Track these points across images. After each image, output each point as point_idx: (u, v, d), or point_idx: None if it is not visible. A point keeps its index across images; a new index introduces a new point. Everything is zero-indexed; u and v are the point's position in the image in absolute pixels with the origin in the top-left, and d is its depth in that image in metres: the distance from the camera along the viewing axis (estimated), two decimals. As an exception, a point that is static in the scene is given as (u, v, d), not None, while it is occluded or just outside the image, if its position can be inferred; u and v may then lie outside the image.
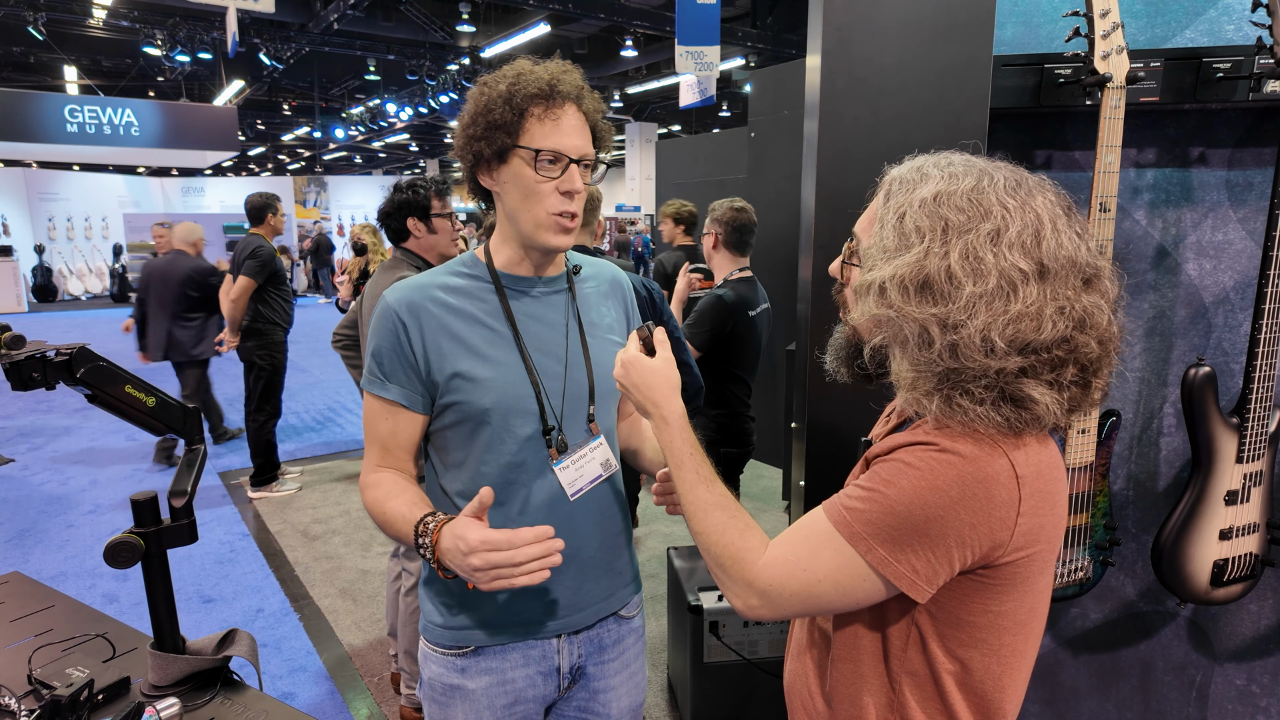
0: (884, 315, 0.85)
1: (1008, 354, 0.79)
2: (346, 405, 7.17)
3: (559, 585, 1.24)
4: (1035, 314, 0.79)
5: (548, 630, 1.25)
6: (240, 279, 4.38)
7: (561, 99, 1.14)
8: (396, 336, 1.17)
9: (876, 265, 0.86)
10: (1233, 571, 1.42)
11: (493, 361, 1.19)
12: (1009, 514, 0.81)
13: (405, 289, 1.20)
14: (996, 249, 0.81)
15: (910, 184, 0.89)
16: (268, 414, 4.71)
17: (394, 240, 2.60)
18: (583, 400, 1.27)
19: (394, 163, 27.79)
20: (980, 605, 0.87)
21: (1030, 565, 0.86)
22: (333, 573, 3.74)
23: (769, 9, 11.52)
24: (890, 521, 0.82)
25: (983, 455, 0.81)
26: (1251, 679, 1.74)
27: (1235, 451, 1.38)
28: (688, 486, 0.98)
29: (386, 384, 1.18)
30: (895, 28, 1.40)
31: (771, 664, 2.30)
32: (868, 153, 1.43)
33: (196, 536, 1.22)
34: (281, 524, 4.36)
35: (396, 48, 12.89)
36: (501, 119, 1.13)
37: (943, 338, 0.81)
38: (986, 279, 0.80)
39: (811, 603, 0.88)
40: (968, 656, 0.89)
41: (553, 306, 1.27)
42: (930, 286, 0.82)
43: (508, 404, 1.19)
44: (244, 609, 3.39)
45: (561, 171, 1.14)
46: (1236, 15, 1.51)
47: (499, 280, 1.24)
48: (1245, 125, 1.55)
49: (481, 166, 1.19)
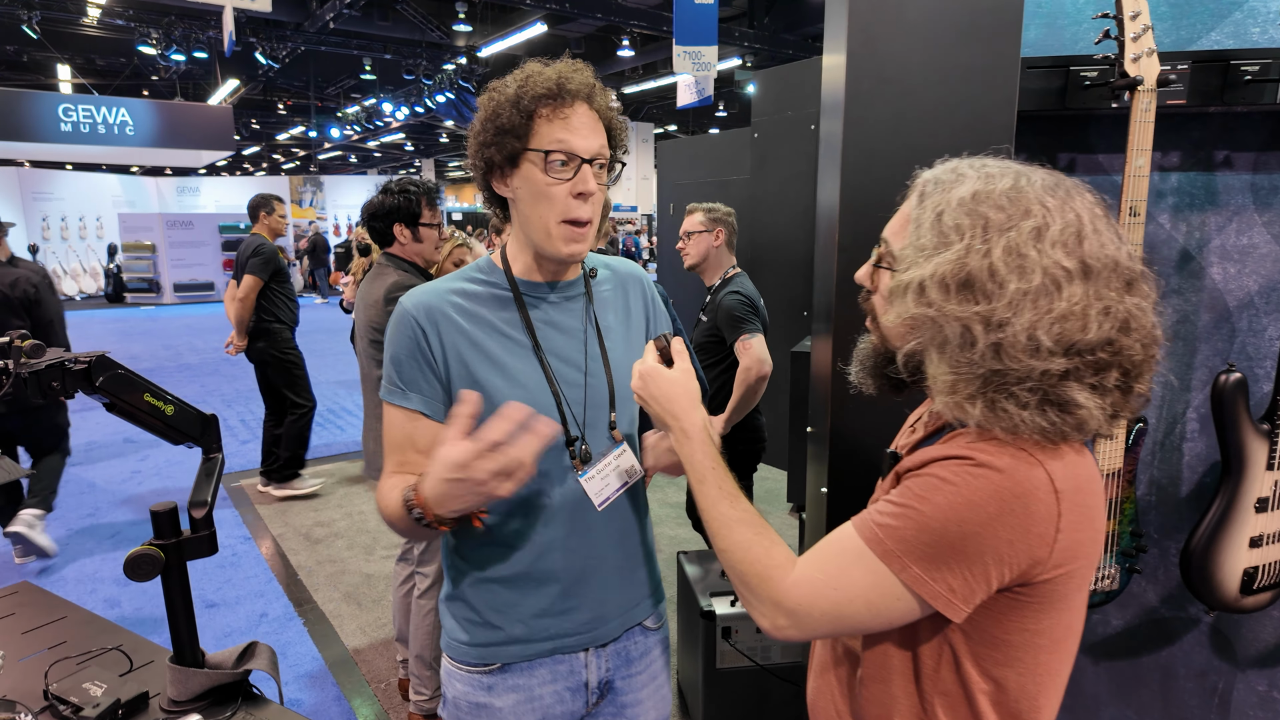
0: (923, 315, 0.82)
1: (1053, 354, 0.77)
2: (346, 407, 7.14)
3: (584, 597, 1.22)
4: (1081, 313, 0.77)
5: (575, 644, 1.22)
6: (245, 278, 4.34)
7: (570, 97, 1.10)
8: (416, 343, 1.14)
9: (914, 265, 0.84)
10: (1262, 579, 1.41)
11: (512, 372, 1.16)
12: (1048, 530, 0.79)
13: (422, 294, 1.17)
14: (1039, 246, 0.79)
15: (946, 184, 0.87)
16: (306, 408, 4.69)
17: (378, 243, 2.57)
18: (604, 407, 1.25)
19: (389, 162, 27.72)
20: (1017, 624, 0.84)
21: (1069, 582, 0.84)
22: (336, 576, 3.71)
23: (766, 9, 11.52)
24: (925, 539, 0.80)
25: (1021, 470, 0.78)
26: (1273, 685, 1.73)
27: (1266, 458, 1.37)
28: (710, 502, 0.95)
29: (407, 393, 1.15)
30: (922, 28, 1.38)
31: (785, 670, 2.28)
32: (894, 154, 1.41)
33: (217, 548, 1.19)
34: (283, 527, 4.32)
35: (393, 47, 12.85)
36: (510, 122, 1.09)
37: (986, 337, 0.78)
38: (1031, 276, 0.78)
39: (842, 623, 0.86)
40: (1003, 676, 0.86)
41: (570, 313, 1.25)
42: (972, 284, 0.80)
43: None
44: (247, 614, 3.36)
45: (574, 173, 1.10)
46: (1262, 18, 1.50)
47: (517, 288, 1.21)
48: (1270, 129, 1.54)
49: (494, 174, 1.16)
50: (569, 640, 1.22)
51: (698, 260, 2.85)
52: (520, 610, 1.19)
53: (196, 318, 14.13)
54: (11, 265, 3.58)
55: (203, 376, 8.68)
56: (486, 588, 1.20)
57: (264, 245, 4.42)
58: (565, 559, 1.19)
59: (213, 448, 1.31)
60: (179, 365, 9.43)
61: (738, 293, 2.71)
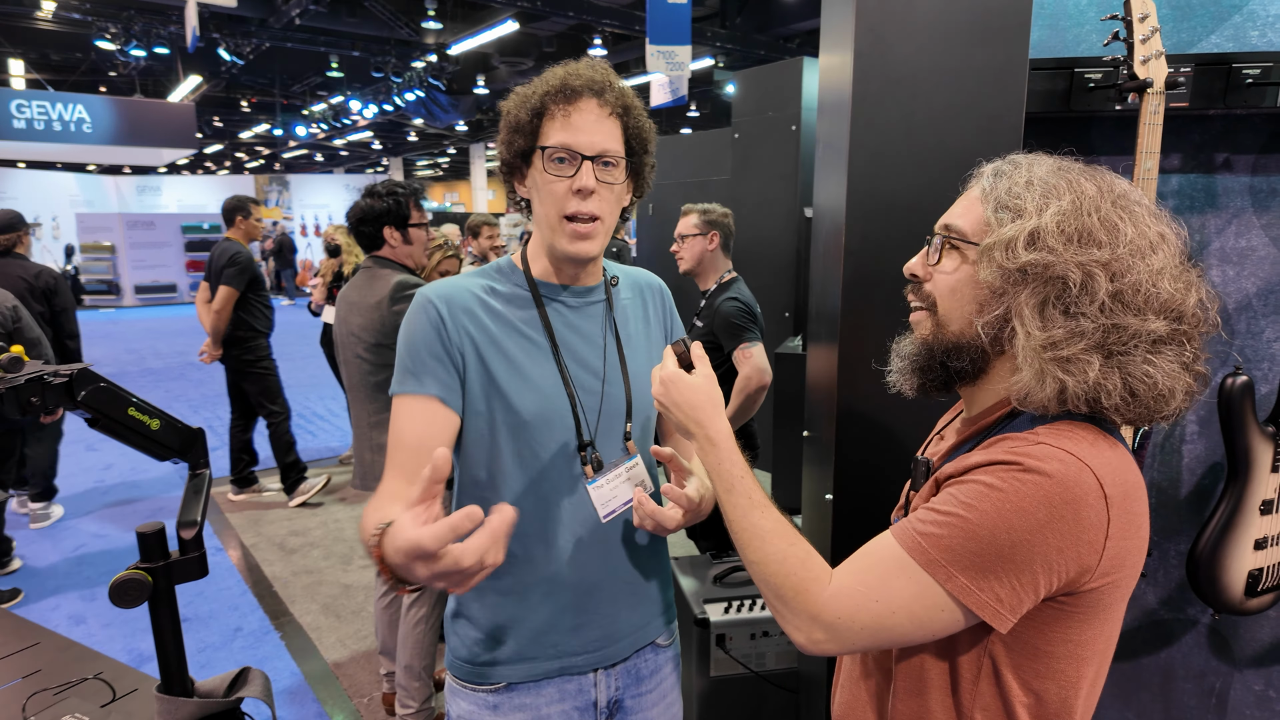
0: (1039, 263, 0.79)
1: (1158, 315, 0.78)
2: (316, 412, 6.99)
3: (594, 613, 1.18)
4: (1177, 274, 0.79)
5: (584, 664, 1.18)
6: (222, 289, 4.23)
7: (575, 94, 1.07)
8: (436, 330, 1.10)
9: (1017, 220, 0.83)
10: (1266, 580, 1.41)
11: (530, 373, 1.13)
12: (1098, 536, 0.77)
13: (444, 286, 1.14)
14: (1134, 209, 0.81)
15: (1018, 164, 0.89)
16: (281, 415, 4.60)
17: (365, 247, 2.52)
18: (619, 418, 1.21)
19: (356, 161, 27.30)
20: (1061, 634, 0.82)
21: (1114, 592, 0.82)
22: (313, 588, 3.61)
23: (738, 9, 11.53)
24: (973, 547, 0.78)
25: (1070, 474, 0.76)
26: (1269, 684, 1.74)
27: (1271, 460, 1.37)
28: (740, 513, 0.92)
29: (422, 379, 1.09)
30: (930, 28, 1.36)
31: (780, 676, 2.26)
32: (903, 156, 1.39)
33: (207, 570, 1.13)
34: (256, 537, 4.20)
35: (361, 44, 12.62)
36: (519, 121, 1.09)
37: (1110, 285, 0.78)
38: (1139, 226, 0.80)
39: (882, 635, 0.83)
40: (1043, 688, 0.84)
41: (590, 318, 1.21)
42: (1090, 231, 0.79)
43: (544, 417, 1.13)
44: (222, 628, 3.26)
45: (575, 170, 1.07)
46: (1262, 21, 1.50)
47: (536, 289, 1.18)
48: (1269, 131, 1.54)
49: (516, 175, 1.15)
50: (578, 660, 1.18)
51: (692, 265, 2.79)
52: (526, 625, 1.15)
53: (159, 320, 13.76)
54: (30, 260, 4.09)
55: (167, 382, 8.44)
56: (491, 600, 1.16)
57: (240, 254, 4.30)
58: (573, 571, 1.15)
59: (200, 463, 1.25)
60: (142, 370, 9.16)
61: (736, 299, 2.66)
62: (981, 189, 0.91)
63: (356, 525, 4.33)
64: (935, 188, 1.39)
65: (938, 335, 0.91)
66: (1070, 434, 0.80)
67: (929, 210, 1.41)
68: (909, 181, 1.40)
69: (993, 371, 0.90)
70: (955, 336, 0.89)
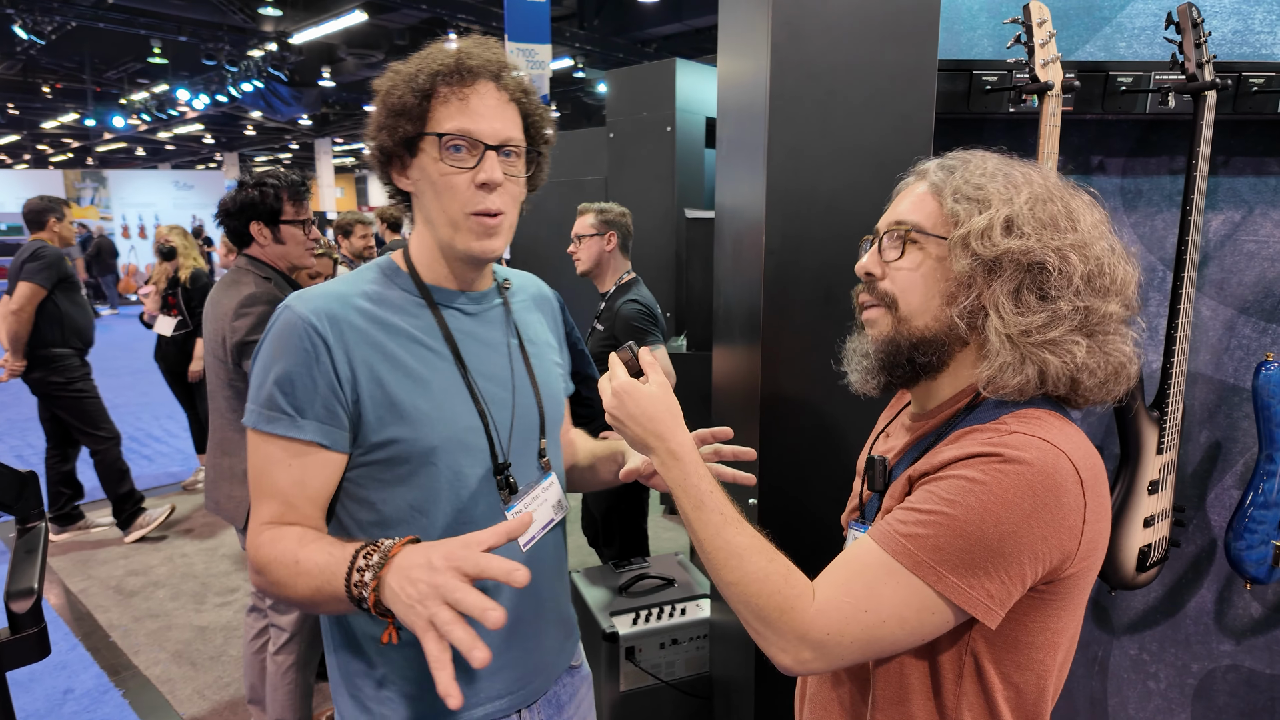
0: (1018, 249, 0.80)
1: (1117, 295, 0.82)
2: (154, 434, 6.28)
3: (516, 653, 1.07)
4: (1125, 257, 0.84)
5: (507, 707, 1.08)
6: (22, 286, 3.61)
7: (472, 76, 0.96)
8: (315, 356, 0.93)
9: (986, 210, 0.83)
10: (1154, 555, 1.51)
11: (434, 388, 0.99)
12: (1077, 521, 0.77)
13: (318, 297, 0.97)
14: (1077, 196, 0.86)
15: (966, 159, 0.89)
16: (107, 440, 4.02)
17: (236, 244, 2.23)
18: (533, 433, 1.11)
19: (185, 155, 25.00)
20: (1039, 623, 0.82)
21: (1086, 576, 0.83)
22: (160, 634, 3.20)
23: (595, 11, 11.53)
24: (960, 544, 0.76)
25: (1048, 460, 0.76)
26: (1143, 648, 1.88)
27: (1156, 443, 1.46)
28: (712, 530, 0.85)
29: (299, 420, 0.93)
30: (844, 25, 1.34)
31: (689, 683, 2.23)
32: (822, 154, 1.37)
33: (49, 649, 0.91)
34: (86, 580, 3.68)
35: (189, 29, 11.53)
36: (404, 104, 0.95)
37: (1083, 266, 0.80)
38: (1090, 213, 0.84)
39: (872, 647, 0.79)
40: (1022, 680, 0.84)
41: (490, 325, 1.10)
42: (1056, 218, 0.82)
43: (457, 439, 1.00)
44: (46, 692, 2.81)
45: (476, 161, 0.96)
46: (1129, 34, 1.61)
47: (428, 292, 1.04)
48: (1137, 136, 1.66)
49: (394, 164, 1.01)
50: (500, 703, 1.07)
51: (590, 266, 2.70)
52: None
53: (-55, 336, 11.94)
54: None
55: (-41, 406, 7.32)
56: (396, 651, 1.02)
57: (45, 248, 3.73)
58: None
59: (31, 514, 1.02)
60: (-74, 394, 7.89)
61: (636, 301, 2.60)
62: (930, 184, 0.90)
63: (208, 559, 3.91)
64: (855, 185, 1.38)
65: (901, 331, 0.89)
66: (1039, 420, 0.81)
67: (848, 207, 1.41)
68: (830, 179, 1.38)
69: (955, 362, 0.89)
70: (922, 330, 0.87)
